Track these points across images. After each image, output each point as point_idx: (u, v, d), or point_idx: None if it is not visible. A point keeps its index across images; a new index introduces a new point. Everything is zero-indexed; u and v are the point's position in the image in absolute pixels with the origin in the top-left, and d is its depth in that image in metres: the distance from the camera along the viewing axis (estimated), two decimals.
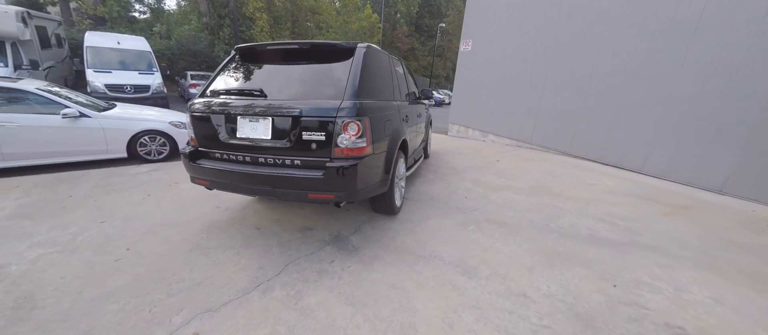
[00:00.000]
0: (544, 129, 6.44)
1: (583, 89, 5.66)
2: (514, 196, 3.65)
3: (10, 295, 1.73)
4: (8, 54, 7.47)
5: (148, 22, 19.71)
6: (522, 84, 6.74)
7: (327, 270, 2.10)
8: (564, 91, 5.97)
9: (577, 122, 5.81)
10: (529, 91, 6.61)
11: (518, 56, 6.77)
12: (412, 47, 31.02)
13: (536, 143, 6.62)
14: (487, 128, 7.75)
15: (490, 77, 7.49)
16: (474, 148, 6.74)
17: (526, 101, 6.69)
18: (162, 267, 2.06)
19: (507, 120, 7.19)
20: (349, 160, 2.02)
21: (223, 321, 1.62)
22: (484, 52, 7.63)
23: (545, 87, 6.29)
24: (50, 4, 17.25)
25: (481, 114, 7.84)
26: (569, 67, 5.86)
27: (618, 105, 5.22)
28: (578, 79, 5.73)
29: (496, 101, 7.39)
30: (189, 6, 19.02)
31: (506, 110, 7.17)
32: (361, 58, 2.26)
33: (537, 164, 5.30)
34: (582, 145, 5.80)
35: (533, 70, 6.49)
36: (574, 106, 5.82)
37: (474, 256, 2.33)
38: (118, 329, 1.54)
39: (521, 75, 6.74)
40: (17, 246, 2.22)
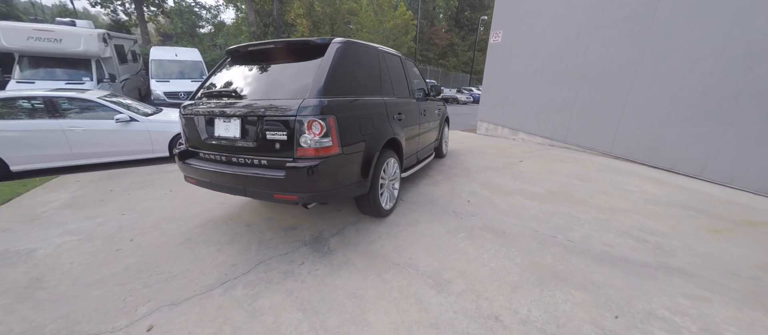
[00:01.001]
0: (580, 126, 5.70)
1: (628, 79, 4.87)
2: (525, 202, 3.28)
3: (27, 276, 2.03)
4: (93, 69, 8.93)
5: (210, 36, 22.09)
6: (556, 76, 6.05)
7: (294, 271, 2.10)
8: (604, 81, 5.21)
9: (619, 117, 5.03)
10: (564, 83, 5.90)
11: (553, 45, 6.09)
12: (452, 43, 30.02)
13: (572, 141, 5.90)
14: (517, 126, 7.13)
15: (522, 70, 6.87)
16: (499, 147, 6.25)
17: (560, 95, 5.99)
18: (152, 258, 2.25)
19: (539, 117, 6.53)
20: (311, 160, 1.98)
21: (179, 315, 1.70)
22: (515, 44, 7.02)
23: (582, 78, 5.56)
24: (133, 25, 20.32)
25: (511, 111, 7.24)
26: (610, 54, 5.08)
27: (672, 97, 4.38)
28: (622, 67, 4.95)
29: (528, 96, 6.75)
30: (241, 19, 20.84)
31: (538, 105, 6.51)
32: (333, 54, 2.21)
33: (566, 166, 4.71)
34: (625, 144, 5.00)
35: (569, 60, 5.78)
36: (617, 99, 5.04)
37: (452, 268, 2.13)
38: (92, 314, 1.71)
39: (555, 66, 6.06)
40: (51, 233, 2.62)
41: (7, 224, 2.78)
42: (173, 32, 18.10)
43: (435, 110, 4.42)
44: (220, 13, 20.98)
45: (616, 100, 5.05)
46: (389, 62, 3.10)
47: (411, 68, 3.82)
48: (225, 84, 2.47)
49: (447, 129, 5.42)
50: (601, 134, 5.35)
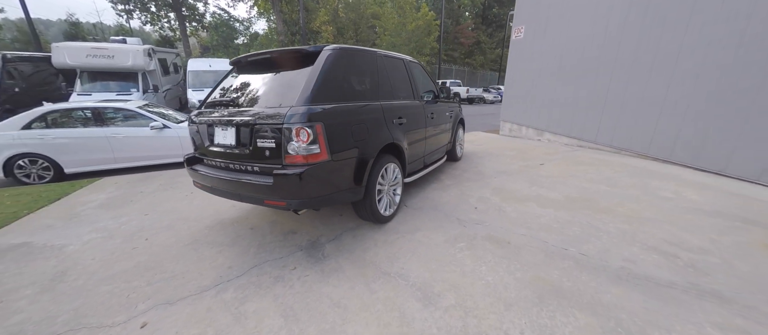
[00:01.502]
0: (612, 125, 5.19)
1: (668, 70, 4.34)
2: (538, 209, 3.04)
3: (54, 269, 2.27)
4: (139, 81, 9.89)
5: (246, 47, 23.55)
6: (583, 71, 5.58)
7: (284, 276, 2.12)
8: (639, 74, 4.69)
9: (657, 113, 4.50)
10: (593, 78, 5.42)
11: (580, 38, 5.63)
12: (478, 41, 29.07)
13: (603, 142, 5.39)
14: (542, 126, 6.69)
15: (546, 66, 6.43)
16: (520, 149, 5.90)
17: (589, 91, 5.51)
18: (159, 257, 2.40)
19: (566, 115, 6.06)
20: (298, 167, 1.99)
21: (171, 314, 1.79)
22: (539, 38, 6.60)
23: (615, 71, 5.06)
24: (177, 40, 22.25)
25: (536, 109, 6.80)
26: (646, 43, 4.57)
27: (722, 89, 3.82)
28: (659, 56, 4.43)
29: (553, 94, 6.30)
30: (271, 29, 21.97)
31: (565, 102, 6.05)
32: (323, 61, 2.21)
33: (592, 170, 4.30)
34: (665, 144, 4.46)
35: (597, 53, 5.29)
36: (654, 92, 4.51)
37: (445, 280, 2.02)
38: (98, 308, 1.85)
39: (582, 60, 5.59)
40: (83, 230, 2.90)
41: (51, 221, 3.14)
42: (210, 45, 19.58)
43: (445, 113, 4.28)
44: (252, 24, 22.28)
45: (654, 94, 4.53)
46: (390, 66, 3.05)
47: (416, 70, 3.73)
48: (227, 93, 2.58)
49: (462, 131, 5.23)
50: (637, 133, 4.83)
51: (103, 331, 1.67)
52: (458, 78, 25.36)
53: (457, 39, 27.81)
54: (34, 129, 4.76)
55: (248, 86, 2.49)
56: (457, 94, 20.22)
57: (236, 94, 2.49)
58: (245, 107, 2.29)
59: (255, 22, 23.73)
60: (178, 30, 21.05)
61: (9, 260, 2.41)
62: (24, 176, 4.76)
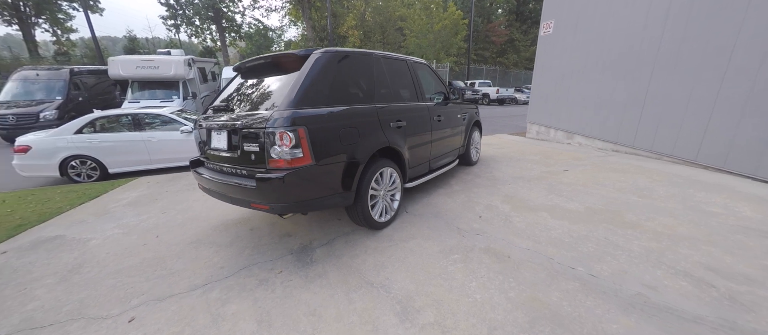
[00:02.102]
0: (653, 127, 4.61)
1: (721, 63, 3.75)
2: (551, 221, 2.77)
3: (74, 261, 2.49)
4: (180, 89, 10.80)
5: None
6: (621, 67, 5.03)
7: (269, 280, 2.13)
8: (686, 69, 4.11)
9: (708, 114, 3.90)
10: (631, 75, 4.87)
11: (615, 32, 5.10)
12: (512, 38, 27.78)
13: (642, 146, 4.81)
14: (573, 128, 6.15)
15: (577, 63, 5.92)
16: (545, 153, 5.47)
17: (626, 90, 4.95)
18: (163, 254, 2.54)
19: (599, 116, 5.51)
20: (280, 171, 1.99)
21: (159, 311, 1.87)
22: (569, 33, 6.10)
23: (656, 67, 4.50)
24: (218, 50, 24.05)
25: (565, 110, 6.28)
26: (694, 33, 3.99)
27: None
28: (711, 49, 3.84)
29: (585, 93, 5.77)
30: (302, 36, 22.91)
31: (598, 102, 5.50)
32: (310, 65, 2.20)
33: (624, 178, 3.84)
34: (717, 150, 3.85)
35: (638, 47, 4.74)
36: (705, 90, 3.92)
37: (429, 294, 1.89)
38: (99, 300, 1.99)
39: (620, 55, 5.05)
40: (108, 226, 3.18)
41: (85, 217, 3.48)
42: (246, 53, 20.92)
43: (457, 115, 4.09)
44: (284, 32, 23.46)
45: (704, 92, 3.94)
46: (390, 67, 2.97)
47: (422, 72, 3.61)
48: (226, 99, 2.68)
49: (478, 134, 4.98)
50: (682, 137, 4.23)
51: (96, 323, 1.79)
52: (489, 78, 24.41)
53: (488, 38, 26.81)
54: (84, 134, 5.36)
55: (246, 90, 2.57)
56: (486, 94, 19.51)
57: (234, 99, 2.58)
58: (239, 111, 2.35)
59: (287, 30, 24.87)
60: (219, 41, 22.77)
61: (43, 250, 2.71)
62: (75, 175, 5.37)
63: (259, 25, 22.94)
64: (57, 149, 5.19)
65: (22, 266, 2.44)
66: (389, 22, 20.49)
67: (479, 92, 19.22)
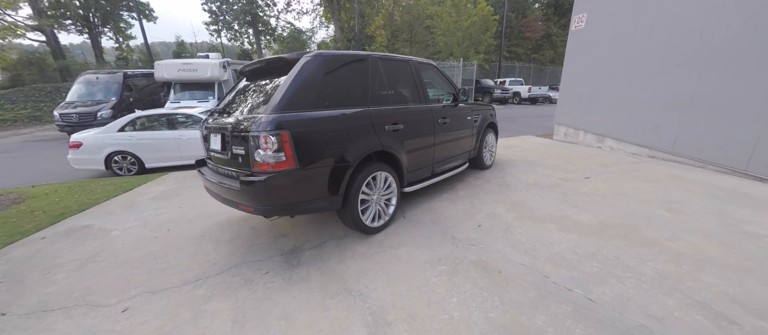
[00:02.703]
0: (696, 131, 4.05)
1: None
2: (557, 234, 2.54)
3: (94, 250, 2.76)
4: (215, 91, 11.58)
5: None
6: (662, 64, 4.48)
7: (254, 280, 2.19)
8: (739, 67, 3.54)
9: (757, 116, 3.33)
10: (673, 70, 4.32)
11: (656, 25, 4.55)
12: (548, 34, 26.09)
13: (683, 153, 4.25)
14: (603, 131, 5.61)
15: (611, 60, 5.38)
16: (569, 158, 5.04)
17: (667, 89, 4.41)
18: (168, 247, 2.72)
19: (634, 118, 4.97)
20: (263, 174, 2.02)
21: (149, 303, 2.00)
22: (604, 27, 5.56)
23: (705, 65, 3.93)
24: (254, 52, 25.40)
25: (596, 111, 5.75)
26: (751, 28, 3.42)
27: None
28: None
29: (619, 92, 5.23)
30: (333, 38, 23.44)
31: (633, 103, 4.96)
32: (298, 69, 2.21)
33: (653, 188, 3.41)
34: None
35: (682, 43, 4.19)
36: (762, 90, 3.35)
37: (404, 307, 1.82)
38: (103, 289, 2.17)
39: (661, 51, 4.49)
40: (130, 218, 3.48)
41: (115, 208, 3.85)
42: (278, 54, 21.87)
43: (466, 117, 3.91)
44: (314, 34, 24.22)
45: (759, 93, 3.37)
46: (388, 69, 2.91)
47: (428, 73, 3.49)
48: (228, 102, 2.79)
49: (493, 137, 4.73)
50: (731, 143, 3.67)
51: (95, 310, 1.95)
52: (522, 76, 23.17)
53: (522, 33, 25.41)
54: (125, 132, 5.93)
55: (244, 94, 2.66)
56: (517, 93, 18.56)
57: (234, 101, 2.68)
58: (234, 114, 2.44)
59: (317, 32, 25.73)
60: (255, 44, 24.07)
61: (72, 238, 3.03)
62: (118, 169, 5.96)
63: (292, 28, 23.90)
64: (103, 145, 5.80)
65: (53, 251, 2.75)
66: (417, 20, 20.22)
67: (509, 91, 18.32)
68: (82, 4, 20.26)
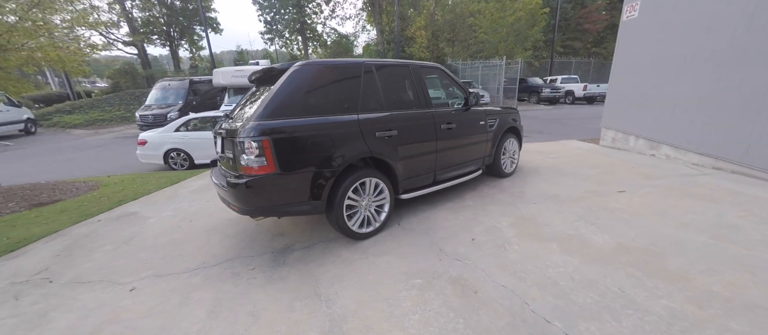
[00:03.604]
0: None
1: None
2: (558, 256, 2.26)
3: (131, 234, 3.22)
4: None
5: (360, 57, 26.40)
6: (730, 58, 3.67)
7: (240, 274, 2.35)
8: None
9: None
10: (745, 65, 3.51)
11: (722, 11, 3.74)
12: (613, 24, 23.05)
13: (757, 164, 3.42)
14: (658, 136, 4.80)
15: (670, 52, 4.58)
16: (608, 167, 4.41)
17: (737, 85, 3.59)
18: (186, 237, 3.06)
19: (696, 122, 4.15)
20: (245, 177, 2.17)
21: (153, 286, 2.28)
22: (660, 16, 4.76)
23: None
24: (302, 57, 27.07)
25: (650, 113, 4.94)
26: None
27: None
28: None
29: (678, 90, 4.43)
30: (374, 42, 23.89)
31: (695, 103, 4.15)
32: (285, 78, 2.32)
33: (704, 208, 2.81)
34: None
35: (756, 34, 3.38)
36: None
37: (365, 318, 1.80)
38: (125, 269, 2.53)
39: (731, 39, 3.69)
40: (168, 208, 3.99)
41: (160, 199, 4.44)
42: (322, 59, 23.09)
43: (479, 122, 3.68)
44: (356, 38, 25.02)
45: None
46: (383, 75, 2.87)
47: (430, 77, 3.38)
48: (235, 108, 3.03)
49: (515, 143, 4.37)
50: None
51: (111, 287, 2.29)
52: (580, 72, 20.90)
53: (580, 25, 22.89)
54: (180, 131, 6.81)
55: (249, 100, 2.87)
56: (570, 92, 16.83)
57: (238, 108, 2.91)
58: (235, 119, 2.65)
59: (359, 36, 26.49)
60: (303, 50, 25.70)
61: (121, 222, 3.58)
62: (173, 164, 6.87)
63: (335, 34, 25.00)
64: (162, 143, 6.73)
65: (103, 233, 3.30)
66: (460, 18, 19.51)
67: (560, 90, 16.68)
68: (165, 21, 23.71)
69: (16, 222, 3.67)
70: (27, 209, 4.13)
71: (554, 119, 11.96)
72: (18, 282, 2.41)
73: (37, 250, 2.95)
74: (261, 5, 23.96)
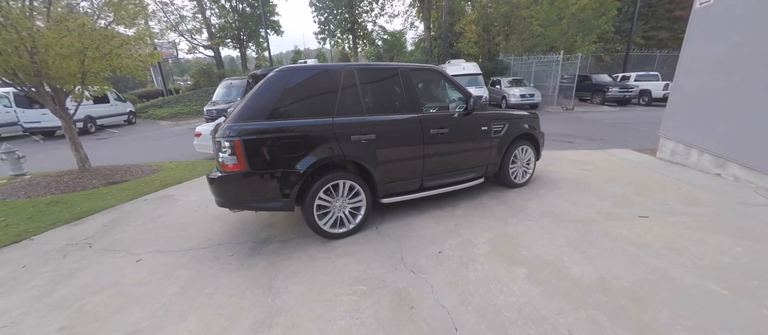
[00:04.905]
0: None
1: None
2: (519, 283, 2.04)
3: (159, 214, 3.83)
4: None
5: (411, 54, 26.24)
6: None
7: (220, 259, 2.64)
8: None
9: None
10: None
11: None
12: None
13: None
14: (728, 152, 3.86)
15: (753, 45, 3.63)
16: (645, 186, 3.72)
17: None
18: (197, 220, 3.52)
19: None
20: (220, 173, 2.43)
21: (153, 259, 2.70)
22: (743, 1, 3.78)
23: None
24: (351, 55, 28.06)
25: (720, 123, 4.00)
26: None
27: None
28: None
29: (761, 95, 3.49)
30: (421, 37, 23.57)
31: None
32: (262, 83, 2.52)
33: (743, 250, 2.22)
34: None
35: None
36: None
37: (296, 315, 1.90)
38: (143, 242, 3.03)
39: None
40: (197, 194, 4.60)
41: (194, 185, 5.13)
42: (368, 56, 23.55)
43: (480, 127, 3.45)
44: (404, 35, 24.98)
45: None
46: (365, 79, 2.88)
47: (422, 80, 3.27)
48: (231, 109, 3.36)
49: (530, 151, 3.97)
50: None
51: (126, 256, 2.78)
52: (664, 68, 17.64)
53: (669, 12, 19.19)
54: None
55: (239, 102, 3.16)
56: (647, 91, 14.39)
57: (234, 108, 3.22)
58: (226, 119, 2.95)
59: (407, 32, 26.39)
60: (352, 48, 26.64)
61: (159, 202, 4.27)
62: None
63: (383, 32, 25.34)
64: None
65: (144, 210, 3.98)
66: (516, 9, 18.00)
67: (633, 89, 14.32)
68: (236, 26, 26.82)
69: (91, 196, 4.64)
70: (102, 186, 5.18)
71: (616, 123, 10.38)
72: (71, 244, 3.08)
73: (94, 220, 3.71)
74: (317, 7, 25.48)
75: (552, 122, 10.83)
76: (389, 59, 24.86)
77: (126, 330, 1.86)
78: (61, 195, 4.66)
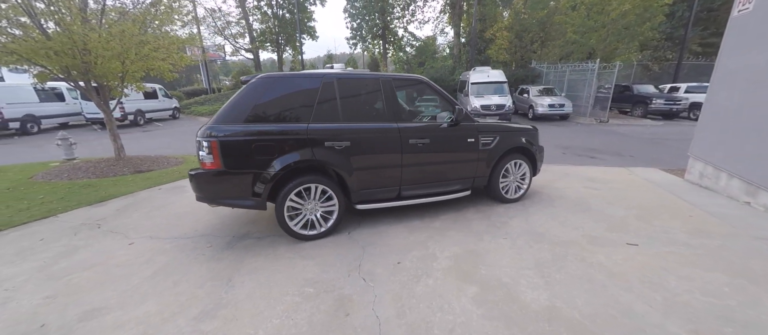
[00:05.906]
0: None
1: None
2: (463, 302, 1.97)
3: (168, 202, 4.19)
4: None
5: (444, 59, 25.86)
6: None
7: (198, 249, 2.85)
8: None
9: None
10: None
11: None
12: None
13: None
14: (760, 178, 3.35)
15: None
16: (651, 210, 3.35)
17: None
18: (194, 211, 3.80)
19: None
20: (198, 170, 2.63)
21: (143, 244, 2.98)
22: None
23: None
24: (381, 62, 28.36)
25: (754, 144, 3.49)
26: None
27: None
28: None
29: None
30: (449, 43, 23.25)
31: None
32: (243, 89, 2.70)
33: (731, 291, 1.92)
34: None
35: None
36: None
37: (241, 309, 2.00)
38: (141, 228, 3.35)
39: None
40: None
41: None
42: (395, 61, 23.68)
43: (466, 139, 3.37)
44: (435, 41, 24.73)
45: None
46: (344, 88, 2.95)
47: (408, 90, 3.25)
48: None
49: (523, 165, 3.78)
50: None
51: (122, 239, 3.09)
52: (707, 80, 15.67)
53: (716, 17, 16.98)
54: None
55: None
56: (698, 104, 12.87)
57: None
58: None
59: (437, 38, 26.14)
60: (382, 53, 27.00)
61: (170, 192, 4.68)
62: None
63: (412, 38, 25.41)
64: None
65: (155, 198, 4.38)
66: (551, 15, 17.05)
67: (681, 102, 12.88)
68: (275, 31, 28.48)
69: (118, 182, 5.21)
70: (130, 173, 5.79)
71: (654, 138, 9.42)
72: (85, 224, 3.50)
73: (112, 204, 4.17)
74: (350, 13, 26.23)
75: (579, 134, 10.11)
76: (418, 64, 24.81)
77: (96, 304, 2.09)
78: (95, 180, 5.29)
